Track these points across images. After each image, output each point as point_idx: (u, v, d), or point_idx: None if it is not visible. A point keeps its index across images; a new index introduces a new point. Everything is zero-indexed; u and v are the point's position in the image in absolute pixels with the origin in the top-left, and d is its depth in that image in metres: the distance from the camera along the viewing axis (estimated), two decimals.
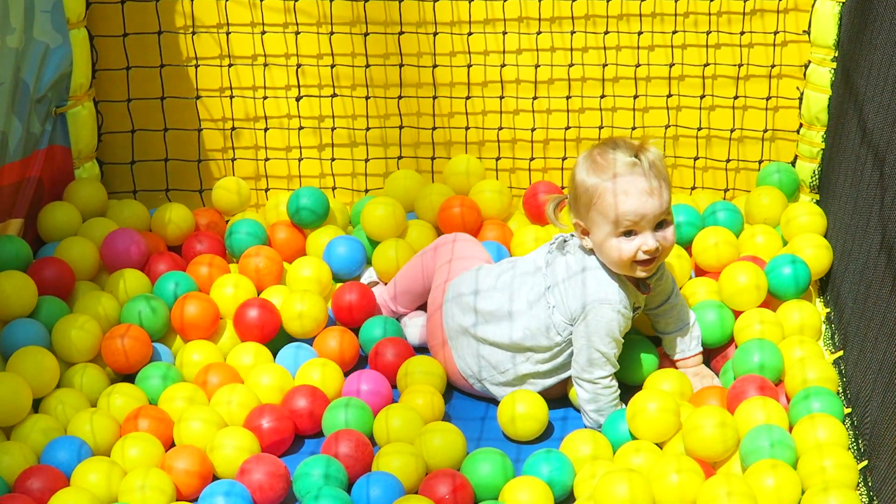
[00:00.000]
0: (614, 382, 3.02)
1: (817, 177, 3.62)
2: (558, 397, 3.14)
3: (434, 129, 3.79)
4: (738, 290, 3.21)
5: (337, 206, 3.71)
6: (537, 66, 3.69)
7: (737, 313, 3.22)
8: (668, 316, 3.13)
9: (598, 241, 2.93)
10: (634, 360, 3.12)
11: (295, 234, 3.61)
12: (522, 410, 3.01)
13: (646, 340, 3.17)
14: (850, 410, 2.83)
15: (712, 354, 3.22)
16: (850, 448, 2.73)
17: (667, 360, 3.17)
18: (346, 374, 3.19)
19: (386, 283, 3.46)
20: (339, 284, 3.50)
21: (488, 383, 3.14)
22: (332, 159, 3.83)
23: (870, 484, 2.59)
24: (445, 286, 3.21)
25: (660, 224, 2.91)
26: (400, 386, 3.15)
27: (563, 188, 3.71)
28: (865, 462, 2.64)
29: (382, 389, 3.12)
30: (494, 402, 3.16)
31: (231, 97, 3.77)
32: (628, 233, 2.89)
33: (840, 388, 2.93)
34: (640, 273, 2.94)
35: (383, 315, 3.38)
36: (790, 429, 2.80)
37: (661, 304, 3.12)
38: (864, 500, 2.57)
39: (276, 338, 3.31)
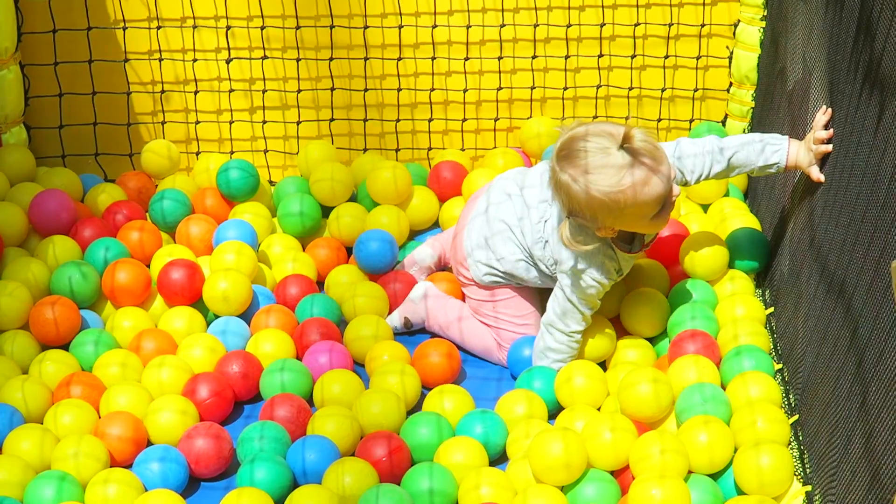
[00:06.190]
0: (580, 336, 3.06)
1: None
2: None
3: (366, 90, 3.77)
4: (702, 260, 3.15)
5: (264, 183, 3.70)
6: (469, 26, 3.68)
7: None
8: (721, 171, 2.98)
9: (636, 228, 2.90)
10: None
11: (222, 203, 3.59)
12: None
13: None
14: (780, 366, 2.87)
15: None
16: (781, 404, 2.76)
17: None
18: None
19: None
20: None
21: (481, 263, 3.16)
22: (264, 122, 3.81)
23: (800, 438, 2.62)
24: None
25: None
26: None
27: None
28: (796, 417, 2.67)
29: (346, 362, 3.12)
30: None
31: (160, 60, 3.73)
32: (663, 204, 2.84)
33: (771, 345, 2.97)
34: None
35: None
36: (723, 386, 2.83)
37: (700, 180, 3.00)
38: (794, 454, 2.61)
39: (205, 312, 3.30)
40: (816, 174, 2.80)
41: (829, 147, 2.76)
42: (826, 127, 2.76)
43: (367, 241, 3.40)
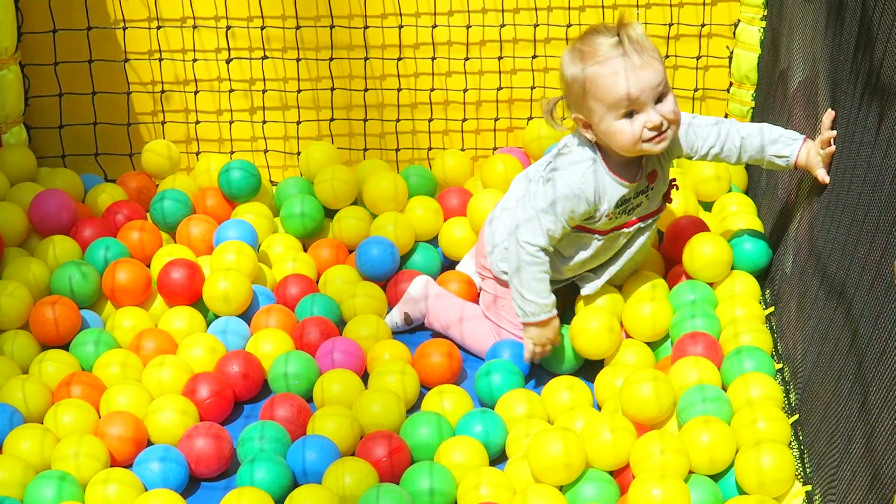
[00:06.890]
0: (542, 260, 2.98)
1: None
2: None
3: (366, 90, 3.77)
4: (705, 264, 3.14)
5: (266, 183, 3.69)
6: (469, 27, 3.68)
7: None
8: (733, 149, 2.99)
9: (602, 130, 2.85)
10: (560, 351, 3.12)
11: (223, 203, 3.59)
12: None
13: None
14: (780, 366, 2.87)
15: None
16: (782, 404, 2.75)
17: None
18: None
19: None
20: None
21: (496, 258, 3.16)
22: (264, 122, 3.80)
23: (801, 438, 2.62)
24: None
25: (659, 98, 2.83)
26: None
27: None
28: (796, 416, 2.67)
29: (357, 353, 3.12)
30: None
31: (160, 60, 3.73)
32: (630, 113, 2.82)
33: (772, 345, 2.96)
34: (655, 149, 2.86)
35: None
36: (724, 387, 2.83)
37: (711, 153, 3.01)
38: (795, 454, 2.60)
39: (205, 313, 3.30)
40: (823, 176, 2.80)
41: (833, 148, 2.76)
42: (829, 128, 2.76)
43: (368, 245, 3.40)
